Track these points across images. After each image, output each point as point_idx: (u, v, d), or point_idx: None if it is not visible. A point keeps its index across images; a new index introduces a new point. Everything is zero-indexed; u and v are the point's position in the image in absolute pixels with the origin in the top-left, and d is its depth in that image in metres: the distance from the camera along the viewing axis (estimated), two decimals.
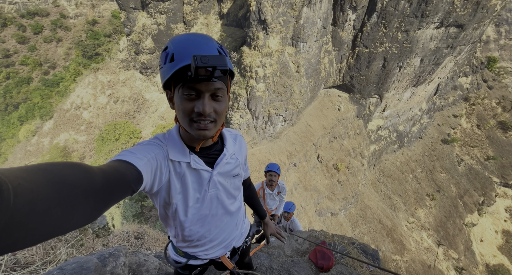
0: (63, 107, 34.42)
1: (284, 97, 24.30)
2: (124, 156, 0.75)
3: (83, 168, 0.50)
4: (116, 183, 0.59)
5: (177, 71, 0.81)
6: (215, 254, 1.29)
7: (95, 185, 0.50)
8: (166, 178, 0.94)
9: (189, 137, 0.99)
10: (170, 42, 0.86)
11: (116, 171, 0.63)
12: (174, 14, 25.04)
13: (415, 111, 35.74)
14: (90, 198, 0.48)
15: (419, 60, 27.24)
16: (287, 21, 21.16)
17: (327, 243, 2.95)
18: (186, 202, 1.03)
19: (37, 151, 32.35)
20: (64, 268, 1.74)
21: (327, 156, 28.33)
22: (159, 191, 0.96)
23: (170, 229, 1.16)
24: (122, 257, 2.17)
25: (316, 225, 24.77)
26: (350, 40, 27.37)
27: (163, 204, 1.01)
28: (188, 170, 0.99)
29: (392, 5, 23.74)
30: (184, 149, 0.99)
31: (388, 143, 34.50)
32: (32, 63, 39.49)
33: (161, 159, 0.91)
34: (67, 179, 0.44)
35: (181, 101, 0.85)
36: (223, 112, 0.92)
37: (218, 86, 0.85)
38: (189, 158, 0.99)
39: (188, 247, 1.22)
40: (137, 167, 0.73)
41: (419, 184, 34.93)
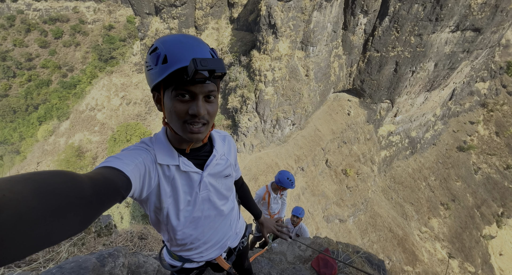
0: (79, 108, 35.79)
1: (293, 101, 24.20)
2: (110, 162, 0.73)
3: (70, 176, 0.48)
4: (105, 190, 0.58)
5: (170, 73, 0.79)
6: (210, 256, 1.27)
7: (84, 193, 0.48)
8: (155, 182, 0.92)
9: (178, 139, 0.97)
10: (159, 42, 0.82)
11: (105, 178, 0.61)
12: (186, 19, 25.69)
13: (429, 117, 34.63)
14: (79, 207, 0.46)
15: (433, 64, 26.49)
16: (297, 26, 21.20)
17: (331, 251, 2.85)
18: (177, 206, 1.01)
19: (53, 150, 33.67)
20: (63, 267, 1.76)
21: (336, 161, 27.83)
22: (149, 196, 0.94)
23: (163, 234, 1.15)
24: (121, 257, 2.18)
25: (323, 232, 24.23)
26: (361, 44, 27.04)
27: (154, 209, 1.00)
28: (178, 173, 0.98)
29: (405, 9, 23.33)
30: (173, 151, 0.97)
31: (399, 149, 33.51)
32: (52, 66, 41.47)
33: (149, 164, 0.88)
34: (54, 188, 0.42)
35: (173, 103, 0.83)
36: (215, 113, 0.92)
37: (211, 88, 0.85)
38: (178, 161, 0.97)
39: (182, 250, 1.20)
40: (125, 173, 0.72)
41: (433, 192, 33.58)
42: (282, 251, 3.26)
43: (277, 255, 3.18)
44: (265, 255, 3.18)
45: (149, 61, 0.83)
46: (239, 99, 23.63)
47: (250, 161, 24.12)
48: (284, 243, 3.43)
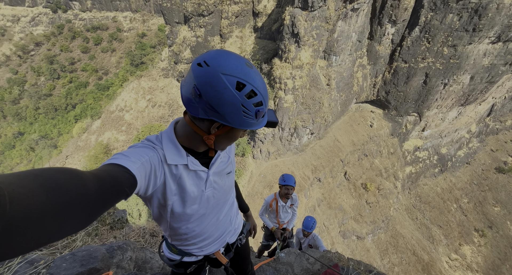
0: (109, 108, 38.53)
1: (312, 110, 23.83)
2: (117, 160, 0.74)
3: (76, 174, 0.50)
4: (109, 187, 0.59)
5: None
6: (209, 250, 1.29)
7: (88, 191, 0.50)
8: (161, 181, 0.93)
9: (192, 142, 1.00)
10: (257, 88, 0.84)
11: (109, 175, 0.62)
12: (212, 28, 26.87)
13: (462, 133, 31.98)
14: (83, 203, 0.47)
15: (469, 77, 24.67)
16: (321, 35, 21.11)
17: (340, 267, 2.68)
18: (182, 204, 1.03)
19: (85, 146, 36.39)
20: (76, 254, 1.86)
21: (356, 174, 26.61)
22: (154, 194, 0.95)
23: (164, 228, 1.17)
24: (129, 251, 2.25)
25: (339, 247, 23.02)
26: (388, 54, 26.11)
27: (158, 205, 1.01)
28: (185, 172, 0.99)
29: (438, 18, 22.23)
30: (181, 151, 0.99)
31: (427, 166, 31.18)
32: (90, 69, 45.50)
33: (155, 162, 0.89)
34: (60, 185, 0.44)
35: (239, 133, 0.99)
36: None
37: None
38: (186, 160, 0.99)
39: (183, 245, 1.22)
40: (131, 170, 0.73)
41: (465, 216, 30.49)
42: (289, 262, 3.13)
43: (283, 265, 3.06)
44: (271, 264, 3.07)
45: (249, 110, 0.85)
46: None
47: (265, 168, 23.95)
48: (292, 254, 3.30)
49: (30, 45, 47.25)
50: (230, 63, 0.79)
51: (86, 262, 1.79)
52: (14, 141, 42.31)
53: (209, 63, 0.79)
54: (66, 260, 1.80)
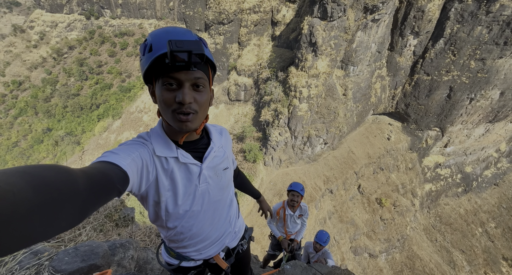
0: (129, 109, 40.36)
1: (327, 120, 23.43)
2: (106, 157, 0.73)
3: (64, 170, 0.48)
4: (100, 184, 0.57)
5: (155, 61, 0.80)
6: (208, 254, 1.23)
7: (78, 187, 0.48)
8: (153, 176, 0.91)
9: (173, 131, 0.97)
10: (149, 35, 0.84)
11: (99, 172, 0.61)
12: (231, 36, 27.64)
13: (490, 152, 29.85)
14: (73, 200, 0.46)
15: (499, 93, 23.25)
16: (339, 45, 20.98)
17: None
18: (176, 199, 0.99)
19: (104, 144, 38.16)
20: (78, 249, 1.87)
21: (370, 188, 25.51)
22: (148, 190, 0.93)
23: (161, 230, 1.14)
24: (131, 250, 2.23)
25: (349, 264, 21.90)
26: (409, 66, 25.33)
27: (153, 204, 0.98)
28: (177, 166, 0.96)
29: (465, 31, 21.36)
30: (170, 144, 0.96)
31: (449, 184, 29.26)
32: (115, 72, 48.25)
33: (146, 157, 0.87)
34: (49, 182, 0.42)
35: (162, 92, 0.83)
36: (205, 103, 0.89)
37: (198, 75, 0.83)
38: (176, 153, 0.96)
39: (180, 247, 1.17)
40: (122, 167, 0.71)
41: (492, 242, 27.98)
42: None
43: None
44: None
45: (140, 52, 0.86)
46: (272, 113, 23.84)
47: (276, 176, 23.64)
48: (298, 267, 3.14)
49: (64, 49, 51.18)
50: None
51: (87, 258, 1.80)
52: (43, 136, 45.32)
53: None
54: (69, 254, 1.81)
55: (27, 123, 46.55)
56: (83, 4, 52.48)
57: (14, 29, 53.03)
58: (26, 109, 47.19)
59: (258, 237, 19.81)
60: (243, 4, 26.35)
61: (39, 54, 51.72)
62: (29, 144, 44.69)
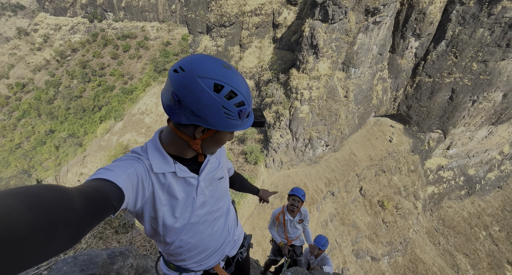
0: (131, 111, 40.55)
1: (328, 121, 23.38)
2: (101, 174, 0.72)
3: (60, 190, 0.47)
4: (96, 203, 0.57)
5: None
6: (208, 264, 1.23)
7: (74, 206, 0.47)
8: (149, 191, 0.90)
9: (179, 148, 0.97)
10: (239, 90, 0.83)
11: (95, 190, 0.60)
12: (232, 38, 27.76)
13: (493, 154, 29.59)
14: (70, 220, 0.45)
15: (502, 95, 23.10)
16: (340, 47, 20.99)
17: None
18: (173, 213, 0.99)
19: (106, 146, 38.31)
20: (77, 258, 1.86)
21: (372, 190, 25.35)
22: (144, 207, 0.92)
23: (159, 244, 1.12)
24: (131, 258, 2.22)
25: (351, 267, 21.72)
26: (410, 68, 25.26)
27: (149, 219, 0.97)
28: (174, 180, 0.96)
29: (466, 33, 21.29)
30: (168, 159, 0.96)
31: (452, 187, 29.00)
32: (117, 74, 48.61)
33: (142, 173, 0.86)
34: (45, 202, 0.41)
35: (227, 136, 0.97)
36: None
37: None
38: (174, 168, 0.96)
39: (179, 260, 1.16)
40: (117, 183, 0.71)
41: (496, 246, 27.63)
42: None
43: None
44: None
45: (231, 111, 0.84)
46: (273, 114, 23.84)
47: (277, 178, 23.58)
48: (299, 274, 3.11)
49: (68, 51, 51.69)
50: (206, 66, 0.78)
51: (86, 267, 1.79)
52: (46, 138, 45.63)
53: (185, 68, 0.78)
54: (68, 263, 1.80)
55: (30, 124, 46.93)
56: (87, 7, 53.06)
57: (19, 32, 53.72)
58: (29, 111, 47.60)
59: (260, 239, 19.71)
60: (245, 7, 26.48)
61: (42, 57, 52.25)
62: (32, 145, 45.01)
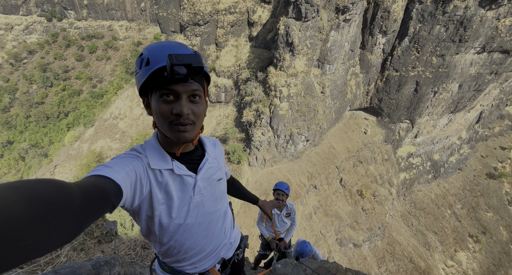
0: (103, 116, 38.08)
1: (307, 117, 24.06)
2: (100, 171, 0.72)
3: (59, 184, 0.47)
4: (95, 198, 0.56)
5: (152, 74, 0.81)
6: (203, 267, 1.21)
7: (73, 202, 0.47)
8: (147, 190, 0.90)
9: (169, 142, 0.97)
10: (145, 49, 0.86)
11: (94, 186, 0.60)
12: (207, 37, 27.27)
13: (453, 140, 32.66)
14: (68, 215, 0.45)
15: (457, 85, 25.47)
16: (314, 44, 21.64)
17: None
18: (170, 213, 0.98)
19: (77, 155, 35.58)
20: (58, 272, 1.74)
21: (351, 181, 26.66)
22: (141, 205, 0.91)
23: (154, 245, 1.11)
24: (117, 266, 2.13)
25: (336, 256, 22.69)
26: (379, 63, 26.84)
27: (146, 219, 0.96)
28: (171, 178, 0.96)
29: (426, 29, 23.12)
30: (165, 156, 0.96)
31: (420, 172, 31.54)
32: (84, 77, 45.20)
33: (140, 171, 0.87)
34: (43, 196, 0.41)
35: (159, 104, 0.84)
36: (201, 114, 0.91)
37: (195, 87, 0.85)
38: (171, 165, 0.95)
39: (174, 262, 1.14)
40: (115, 180, 0.71)
41: (459, 222, 30.68)
42: (286, 274, 3.04)
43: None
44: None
45: (136, 66, 0.88)
46: (253, 113, 23.94)
47: (261, 176, 23.78)
48: (289, 265, 3.21)
49: (23, 53, 46.82)
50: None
51: None
52: (3, 150, 41.06)
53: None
54: None
55: None
56: (43, 5, 48.41)
57: None
58: None
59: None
60: (218, 5, 26.12)
61: None
62: None
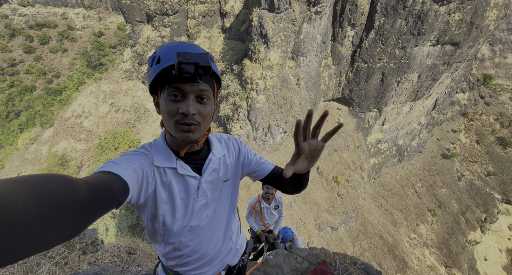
0: (64, 115, 34.56)
1: (284, 109, 24.50)
2: (108, 167, 0.73)
3: (67, 180, 0.48)
4: (101, 194, 0.57)
5: (162, 72, 0.81)
6: (209, 272, 1.18)
7: (79, 197, 0.48)
8: (152, 188, 0.90)
9: (175, 142, 0.96)
10: (158, 48, 0.87)
11: (101, 182, 0.60)
12: (178, 28, 25.85)
13: (414, 125, 35.94)
14: (74, 210, 0.46)
15: (417, 75, 27.79)
16: (288, 36, 21.80)
17: (328, 263, 2.80)
18: (173, 213, 0.97)
19: (35, 159, 32.04)
20: None
21: (327, 168, 28.09)
22: (146, 203, 0.91)
23: (159, 246, 1.09)
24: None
25: (315, 240, 24.04)
26: (349, 55, 28.06)
27: (151, 217, 0.96)
28: (175, 178, 0.95)
29: (389, 23, 24.59)
30: (170, 154, 0.95)
31: (388, 156, 34.35)
32: (36, 72, 40.14)
33: (147, 169, 0.88)
34: (51, 191, 0.42)
35: (166, 102, 0.84)
36: (208, 115, 0.90)
37: (203, 87, 0.85)
38: (175, 164, 0.94)
39: (178, 265, 1.12)
40: (123, 177, 0.71)
41: (420, 199, 34.39)
42: (278, 264, 3.17)
43: (273, 268, 3.08)
44: (261, 269, 3.08)
45: (148, 64, 0.88)
46: (231, 107, 23.66)
47: None
48: (280, 255, 3.35)
49: None
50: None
51: None
52: None
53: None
54: None
55: None
56: None
57: None
58: None
59: None
60: None
61: None
62: None
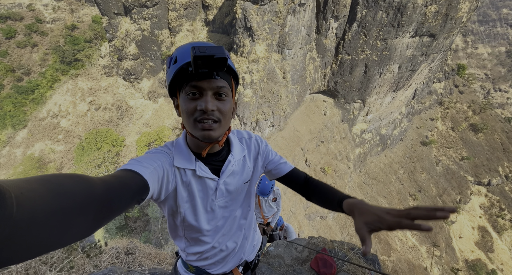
0: (38, 115, 32.43)
1: (272, 103, 24.57)
2: (130, 166, 0.74)
3: (83, 179, 0.50)
4: (117, 193, 0.58)
5: (179, 71, 0.81)
6: (227, 267, 1.22)
7: (95, 196, 0.50)
8: (172, 186, 0.91)
9: (195, 143, 0.96)
10: (176, 48, 0.87)
11: (119, 181, 0.62)
12: (159, 20, 24.76)
13: (396, 115, 37.53)
14: (89, 209, 0.47)
15: (397, 66, 28.81)
16: (273, 29, 21.63)
17: (328, 250, 2.94)
18: (194, 211, 0.99)
19: (8, 163, 29.99)
20: None
21: (315, 160, 28.79)
22: (167, 199, 0.93)
23: (179, 241, 1.11)
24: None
25: (306, 229, 24.83)
26: (333, 47, 28.43)
27: (171, 213, 0.98)
28: (194, 179, 0.96)
29: (371, 15, 25.08)
30: (190, 156, 0.96)
31: (372, 146, 35.76)
32: (3, 69, 36.98)
33: (168, 167, 0.89)
34: (67, 190, 0.44)
35: (185, 101, 0.83)
36: (228, 112, 0.88)
37: (220, 84, 0.83)
38: (194, 165, 0.95)
39: (199, 260, 1.16)
40: (143, 175, 0.72)
41: (402, 185, 36.36)
42: (279, 254, 3.28)
43: (275, 258, 3.18)
44: (263, 260, 3.16)
45: (166, 66, 0.88)
46: None
47: None
48: (281, 246, 3.46)
49: None
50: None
51: None
52: None
53: None
54: None
55: None
56: None
57: None
58: None
59: None
60: None
61: None
62: None
